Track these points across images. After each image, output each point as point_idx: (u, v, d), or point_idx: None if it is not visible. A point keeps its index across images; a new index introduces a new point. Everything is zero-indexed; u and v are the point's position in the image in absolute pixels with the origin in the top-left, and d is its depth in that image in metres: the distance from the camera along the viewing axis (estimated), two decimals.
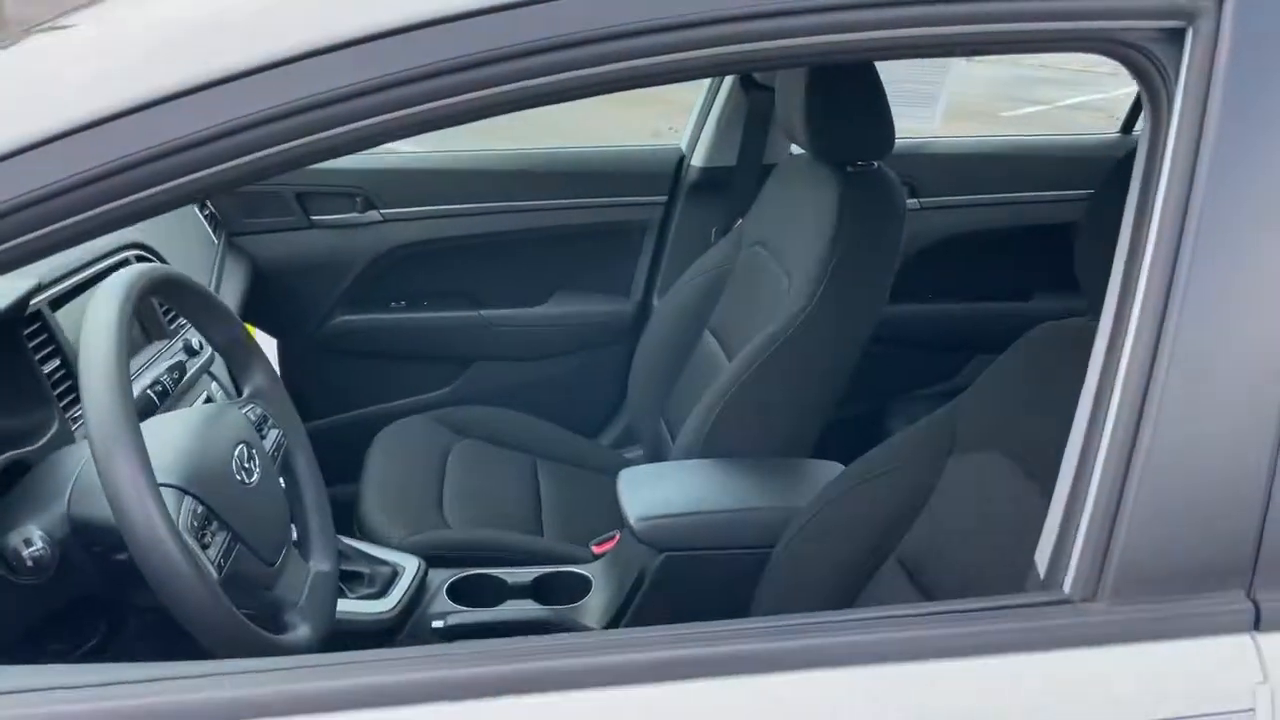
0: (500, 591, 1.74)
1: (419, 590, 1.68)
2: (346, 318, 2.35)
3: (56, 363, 1.33)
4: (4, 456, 1.15)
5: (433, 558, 1.77)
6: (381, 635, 1.58)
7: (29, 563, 0.94)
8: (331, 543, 1.28)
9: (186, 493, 1.01)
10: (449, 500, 1.94)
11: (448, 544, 1.80)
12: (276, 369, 2.04)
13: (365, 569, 1.64)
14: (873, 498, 1.37)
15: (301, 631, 1.11)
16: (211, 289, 1.92)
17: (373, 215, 2.30)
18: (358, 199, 2.29)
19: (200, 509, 1.01)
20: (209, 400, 1.65)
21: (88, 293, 1.47)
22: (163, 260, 1.67)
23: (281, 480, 1.22)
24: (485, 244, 2.38)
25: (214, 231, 2.13)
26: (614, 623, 1.65)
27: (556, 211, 2.38)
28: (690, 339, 2.11)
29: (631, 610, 1.61)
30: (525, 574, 1.76)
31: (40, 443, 1.21)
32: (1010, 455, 1.18)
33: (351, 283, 2.33)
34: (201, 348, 1.65)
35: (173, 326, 1.63)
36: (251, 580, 1.08)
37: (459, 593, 1.72)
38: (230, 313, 1.23)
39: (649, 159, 2.45)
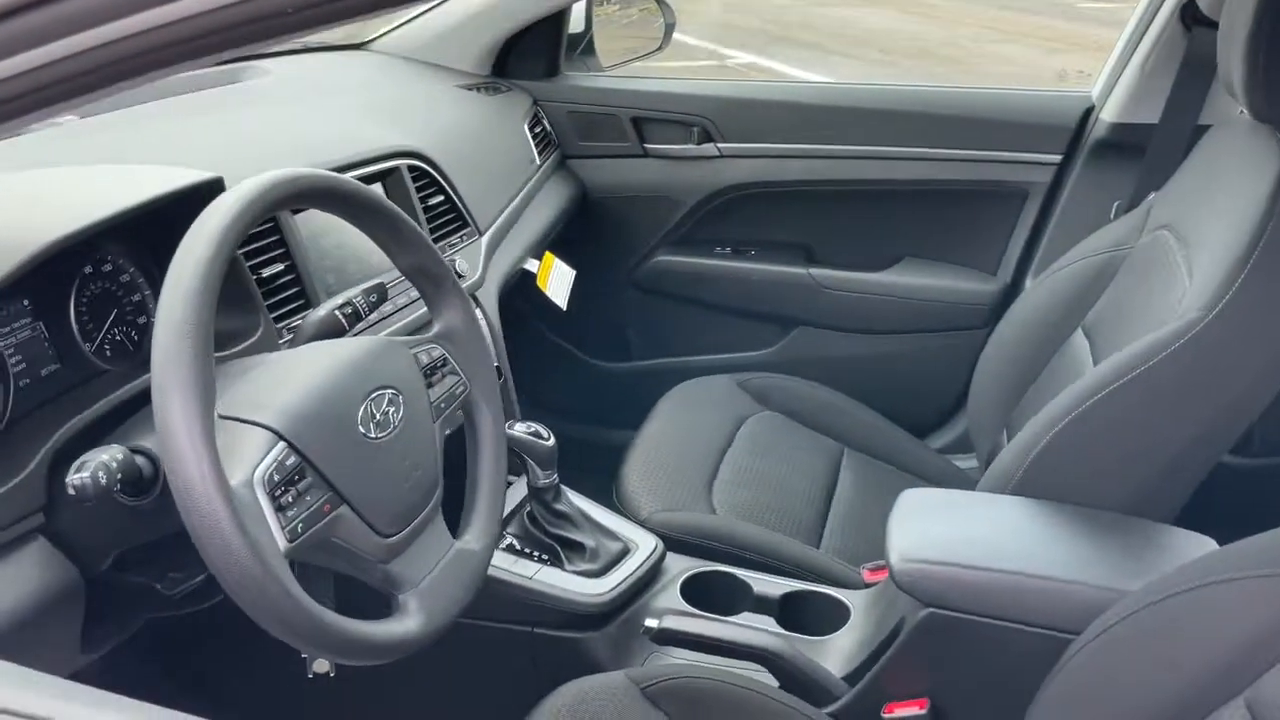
0: (742, 599, 1.48)
1: (648, 576, 1.47)
2: (666, 258, 2.16)
3: (282, 267, 1.26)
4: None
5: (678, 542, 1.55)
6: (587, 621, 1.40)
7: (69, 490, 0.85)
8: (494, 521, 1.09)
9: (280, 438, 0.87)
10: (723, 479, 1.70)
11: (700, 531, 1.57)
12: (564, 302, 1.93)
13: (590, 540, 1.46)
14: (1239, 605, 0.94)
15: (409, 622, 0.94)
16: (512, 209, 1.81)
17: (709, 149, 2.08)
18: (695, 129, 2.07)
19: (292, 459, 0.86)
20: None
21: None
22: (440, 173, 1.56)
23: (440, 437, 1.05)
24: (830, 193, 2.07)
25: (541, 151, 2.03)
26: (858, 674, 1.33)
27: (920, 163, 2.01)
28: (1057, 336, 1.67)
29: (880, 665, 1.29)
30: (776, 585, 1.49)
31: (232, 350, 1.14)
32: None
33: (678, 221, 2.13)
34: (461, 274, 1.53)
35: (437, 245, 1.53)
36: (355, 552, 0.92)
37: (695, 589, 1.49)
38: (420, 237, 1.07)
39: (1046, 108, 1.98)
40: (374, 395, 0.96)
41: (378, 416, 0.95)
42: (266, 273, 1.23)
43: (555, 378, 2.29)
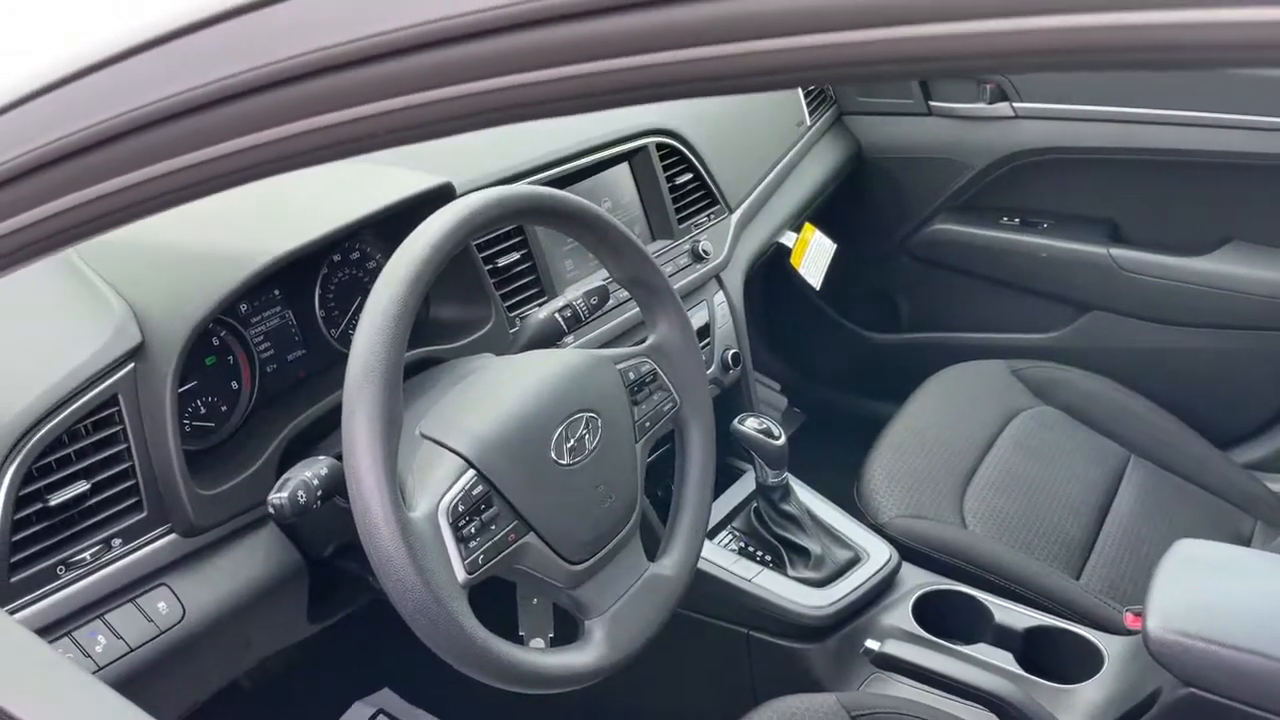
0: (981, 627, 1.37)
1: (877, 590, 1.39)
2: (945, 226, 1.99)
3: (518, 256, 1.26)
4: (425, 350, 1.12)
5: (916, 553, 1.45)
6: (805, 632, 1.34)
7: (269, 508, 0.89)
8: (690, 548, 1.05)
9: (470, 465, 0.87)
10: (980, 483, 1.56)
11: (944, 546, 1.45)
12: (818, 282, 1.82)
13: (816, 546, 1.39)
14: None
15: (589, 654, 0.93)
16: (770, 180, 1.73)
17: (1003, 108, 1.87)
18: (988, 87, 1.87)
19: (479, 488, 0.87)
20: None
21: (590, 180, 1.39)
22: (691, 149, 1.50)
23: (642, 458, 1.02)
24: (1143, 163, 1.81)
25: (814, 110, 1.92)
26: None
27: (1255, 133, 1.70)
28: None
29: None
30: (1022, 616, 1.36)
31: (462, 341, 1.17)
32: None
33: (961, 186, 1.95)
34: (705, 255, 1.48)
35: (682, 225, 1.48)
36: (542, 579, 0.92)
37: (930, 608, 1.39)
38: (635, 246, 1.03)
39: None
40: (571, 420, 0.94)
41: (571, 442, 0.94)
42: (502, 262, 1.24)
43: (820, 345, 2.20)
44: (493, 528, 0.87)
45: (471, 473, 0.87)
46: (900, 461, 1.58)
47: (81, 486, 0.88)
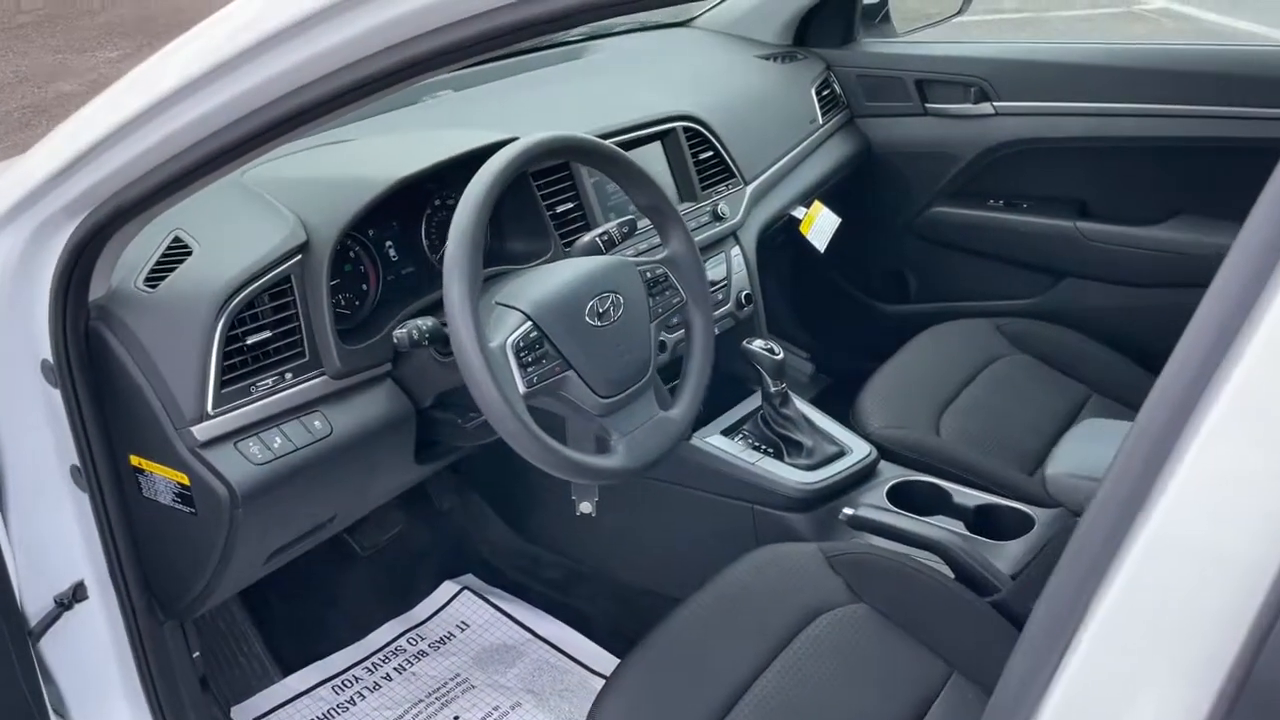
0: (940, 505, 1.70)
1: (858, 476, 1.73)
2: (943, 209, 2.34)
3: (573, 205, 1.66)
4: (503, 267, 1.52)
5: (896, 455, 1.78)
6: (796, 504, 1.69)
7: (393, 340, 1.29)
8: (692, 401, 1.42)
9: (528, 318, 1.26)
10: (956, 409, 1.90)
11: (918, 447, 1.79)
12: (822, 246, 2.18)
13: (809, 441, 1.74)
14: None
15: (613, 460, 1.30)
16: (783, 163, 2.11)
17: (985, 108, 2.23)
18: (972, 90, 2.23)
19: (534, 333, 1.25)
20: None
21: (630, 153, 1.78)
22: (712, 132, 1.89)
23: (661, 337, 1.39)
24: (1103, 149, 2.14)
25: (826, 112, 2.29)
26: (1018, 574, 1.52)
27: (1197, 120, 2.03)
28: None
29: (1030, 567, 1.47)
30: (974, 497, 1.69)
31: (529, 265, 1.56)
32: None
33: (954, 175, 2.30)
34: (722, 216, 1.86)
35: (705, 192, 1.87)
36: (578, 405, 1.29)
37: (901, 494, 1.72)
38: (651, 182, 1.41)
39: None
40: (600, 295, 1.32)
41: (601, 310, 1.32)
42: (560, 209, 1.64)
43: (843, 319, 2.56)
44: (543, 361, 1.26)
45: (529, 323, 1.25)
46: (889, 388, 1.93)
47: (266, 334, 1.29)
